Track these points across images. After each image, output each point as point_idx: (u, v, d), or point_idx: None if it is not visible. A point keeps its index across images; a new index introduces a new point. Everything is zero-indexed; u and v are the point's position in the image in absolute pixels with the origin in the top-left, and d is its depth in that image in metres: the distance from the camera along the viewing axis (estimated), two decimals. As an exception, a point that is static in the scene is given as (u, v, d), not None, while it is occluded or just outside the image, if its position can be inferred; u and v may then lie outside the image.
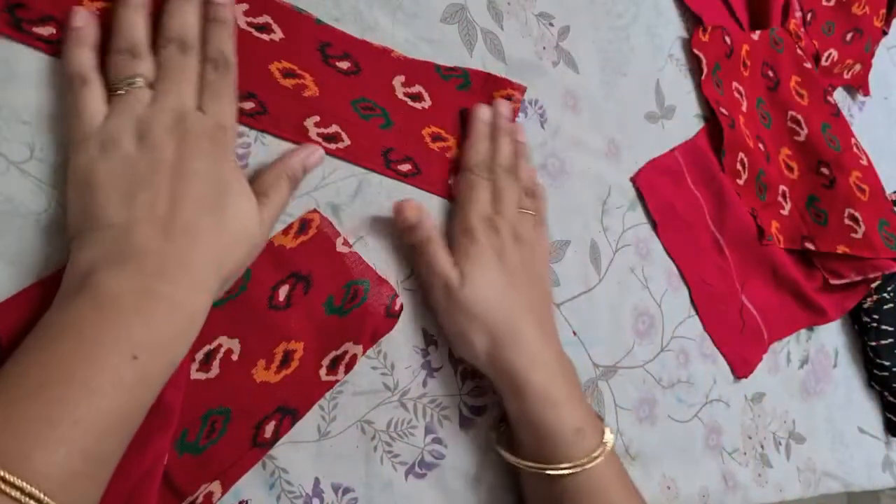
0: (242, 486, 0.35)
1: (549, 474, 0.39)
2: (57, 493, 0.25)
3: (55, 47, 0.33)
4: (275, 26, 0.39)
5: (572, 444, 0.39)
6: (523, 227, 0.44)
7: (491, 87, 0.48)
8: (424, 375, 0.42)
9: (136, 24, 0.34)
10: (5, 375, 0.27)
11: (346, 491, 0.38)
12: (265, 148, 0.38)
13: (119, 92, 0.33)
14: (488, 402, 0.44)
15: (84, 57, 0.33)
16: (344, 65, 0.42)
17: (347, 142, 0.41)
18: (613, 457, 0.41)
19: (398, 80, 0.44)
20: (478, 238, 0.42)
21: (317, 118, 0.40)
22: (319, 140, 0.40)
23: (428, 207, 0.43)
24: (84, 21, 0.33)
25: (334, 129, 0.41)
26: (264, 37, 0.39)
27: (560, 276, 0.50)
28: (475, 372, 0.44)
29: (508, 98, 0.48)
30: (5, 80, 0.31)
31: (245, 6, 0.39)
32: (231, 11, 0.36)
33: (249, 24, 0.38)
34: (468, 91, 0.47)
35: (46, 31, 0.33)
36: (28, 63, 0.31)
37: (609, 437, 0.41)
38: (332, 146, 0.40)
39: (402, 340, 0.42)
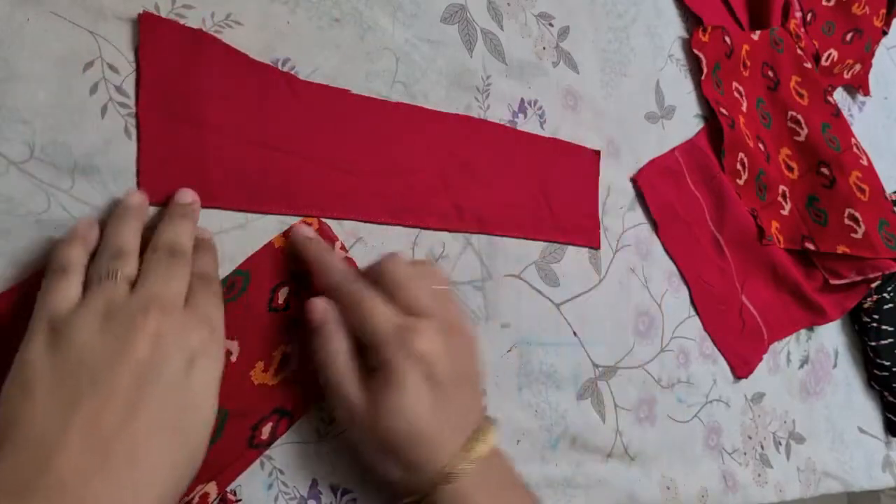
0: (240, 485, 0.35)
1: None
2: None
3: None
4: None
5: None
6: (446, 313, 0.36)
7: None
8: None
9: (126, 233, 0.30)
10: None
11: (346, 492, 0.38)
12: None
13: (94, 285, 0.28)
14: (488, 403, 0.44)
15: (73, 253, 0.29)
16: None
17: None
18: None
19: None
20: (392, 361, 0.33)
21: None
22: None
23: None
24: (86, 225, 0.30)
25: None
26: None
27: (560, 276, 0.50)
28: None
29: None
30: (5, 80, 0.31)
31: None
32: (212, 239, 0.34)
33: None
34: None
35: None
36: (28, 63, 0.31)
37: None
38: None
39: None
